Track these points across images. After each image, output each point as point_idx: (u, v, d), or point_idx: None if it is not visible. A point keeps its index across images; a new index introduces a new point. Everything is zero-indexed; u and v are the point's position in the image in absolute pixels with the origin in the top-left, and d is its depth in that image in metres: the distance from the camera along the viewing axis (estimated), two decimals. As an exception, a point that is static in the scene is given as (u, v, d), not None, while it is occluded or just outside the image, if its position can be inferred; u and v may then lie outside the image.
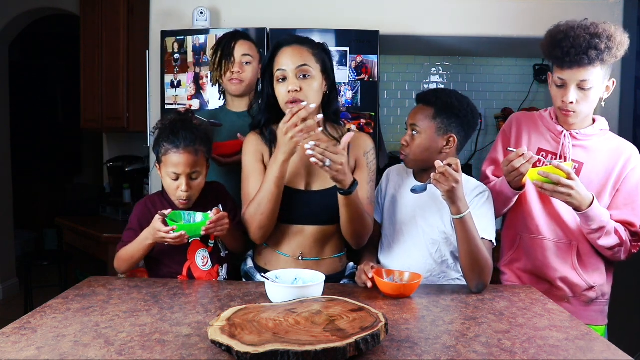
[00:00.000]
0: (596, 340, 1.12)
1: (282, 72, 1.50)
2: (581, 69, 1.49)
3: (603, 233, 1.53)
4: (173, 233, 1.41)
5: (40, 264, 3.40)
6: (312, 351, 0.90)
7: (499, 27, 2.71)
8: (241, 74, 1.87)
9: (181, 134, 1.50)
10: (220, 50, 1.89)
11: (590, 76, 1.49)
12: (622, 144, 1.62)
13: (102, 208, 3.49)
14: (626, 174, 1.58)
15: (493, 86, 3.40)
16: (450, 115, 1.55)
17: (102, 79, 3.40)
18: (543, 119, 1.69)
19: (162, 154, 1.52)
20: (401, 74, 3.39)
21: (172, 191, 1.54)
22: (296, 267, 1.51)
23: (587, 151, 1.60)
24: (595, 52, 1.47)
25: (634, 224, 1.57)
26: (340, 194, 1.43)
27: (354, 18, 2.62)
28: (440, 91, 1.61)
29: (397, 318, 1.23)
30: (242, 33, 1.97)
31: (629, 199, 1.58)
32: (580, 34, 1.49)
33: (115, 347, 1.04)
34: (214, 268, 1.59)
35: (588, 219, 1.51)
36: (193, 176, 1.53)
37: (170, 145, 1.50)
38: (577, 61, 1.48)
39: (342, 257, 1.64)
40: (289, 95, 1.48)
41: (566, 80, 1.52)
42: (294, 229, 1.55)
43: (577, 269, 1.61)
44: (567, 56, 1.49)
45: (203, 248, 1.58)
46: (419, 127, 1.56)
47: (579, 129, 1.61)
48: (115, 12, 3.28)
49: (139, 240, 1.49)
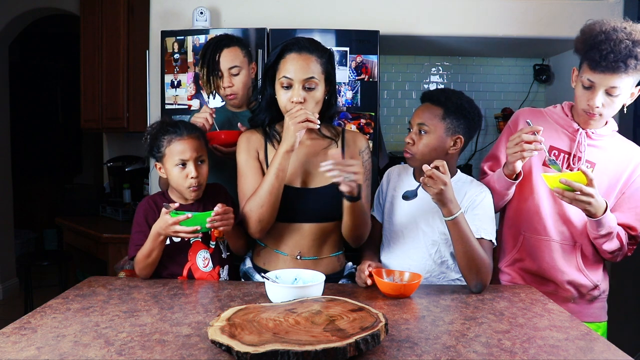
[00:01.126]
0: (596, 340, 1.12)
1: (288, 80, 1.48)
2: (614, 76, 1.43)
3: (609, 238, 1.52)
4: (188, 227, 1.41)
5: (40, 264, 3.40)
6: (312, 351, 0.90)
7: (499, 27, 2.71)
8: (232, 88, 1.83)
9: (179, 124, 1.56)
10: (206, 66, 1.84)
11: (620, 83, 1.44)
12: (632, 147, 1.61)
13: (102, 208, 3.49)
14: (634, 178, 1.57)
15: (493, 86, 3.40)
16: (459, 116, 1.54)
17: (102, 79, 3.40)
18: (554, 115, 1.65)
19: (165, 147, 1.54)
20: (401, 74, 3.39)
21: (181, 181, 1.54)
22: (294, 266, 1.51)
23: (600, 151, 1.58)
24: (635, 62, 1.41)
25: (635, 228, 1.57)
26: (348, 200, 1.43)
27: (354, 18, 2.62)
28: (449, 92, 1.59)
29: (397, 318, 1.23)
30: (223, 40, 1.87)
31: (634, 203, 1.57)
32: (622, 39, 1.41)
33: (115, 347, 1.04)
34: (214, 269, 1.59)
35: (599, 225, 1.49)
36: (201, 160, 1.55)
37: (172, 135, 1.53)
38: (613, 68, 1.41)
39: (340, 256, 1.64)
40: (292, 105, 1.47)
41: (596, 84, 1.46)
42: (292, 227, 1.55)
43: (582, 270, 1.61)
44: (604, 60, 1.41)
45: (204, 249, 1.58)
46: (428, 127, 1.54)
47: (594, 129, 1.59)
48: (115, 12, 3.27)
49: (150, 239, 1.48)
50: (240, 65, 1.84)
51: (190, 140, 1.53)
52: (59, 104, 5.74)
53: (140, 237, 1.52)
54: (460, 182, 1.60)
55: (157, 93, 2.59)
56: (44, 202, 5.52)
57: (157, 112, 2.60)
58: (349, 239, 1.56)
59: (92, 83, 3.49)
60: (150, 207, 1.57)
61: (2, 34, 4.14)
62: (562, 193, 1.42)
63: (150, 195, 1.66)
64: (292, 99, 1.47)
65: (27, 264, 3.43)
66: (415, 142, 1.56)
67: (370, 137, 2.39)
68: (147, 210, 1.56)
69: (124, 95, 3.23)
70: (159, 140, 1.55)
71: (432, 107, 1.56)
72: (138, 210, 1.58)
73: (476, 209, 1.55)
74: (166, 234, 1.46)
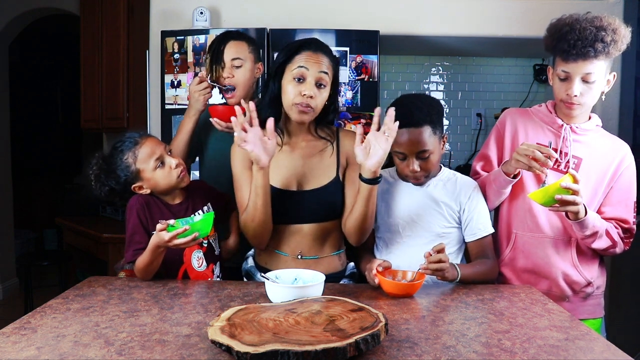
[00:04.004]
0: (596, 340, 1.12)
1: (303, 72, 1.46)
2: (586, 62, 1.49)
3: (596, 237, 1.54)
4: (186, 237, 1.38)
5: (40, 264, 3.40)
6: (312, 351, 0.90)
7: (499, 27, 2.71)
8: (232, 79, 1.82)
9: (124, 139, 1.55)
10: (210, 54, 1.85)
11: (594, 69, 1.50)
12: (617, 142, 1.64)
13: (102, 208, 3.49)
14: (621, 171, 1.60)
15: (493, 86, 3.40)
16: (440, 120, 1.57)
17: (102, 79, 3.40)
18: (539, 113, 1.68)
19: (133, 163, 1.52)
20: (401, 74, 3.39)
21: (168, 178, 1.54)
22: (295, 266, 1.51)
23: (585, 147, 1.61)
24: (602, 45, 1.48)
25: (627, 220, 1.60)
26: (368, 183, 1.43)
27: (354, 18, 2.63)
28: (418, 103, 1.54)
29: (397, 318, 1.23)
30: (232, 34, 1.89)
31: (623, 196, 1.60)
32: (586, 26, 1.49)
33: (115, 347, 1.04)
34: (208, 267, 1.59)
35: (583, 226, 1.51)
36: (168, 150, 1.58)
37: (130, 147, 1.53)
38: (583, 54, 1.48)
39: (341, 254, 1.64)
40: (302, 98, 1.46)
41: (570, 73, 1.52)
42: (292, 228, 1.55)
43: (577, 266, 1.61)
44: (574, 48, 1.49)
45: (198, 249, 1.58)
46: (430, 149, 1.53)
47: (578, 123, 1.62)
48: (115, 12, 3.28)
49: (150, 251, 1.43)
50: (244, 58, 1.84)
51: (148, 139, 1.55)
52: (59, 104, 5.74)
53: (138, 239, 1.49)
54: (450, 182, 1.63)
55: (157, 93, 2.59)
56: (44, 202, 5.52)
57: (157, 112, 2.60)
58: (355, 234, 1.53)
59: (92, 83, 3.49)
60: (141, 206, 1.53)
61: (2, 34, 4.14)
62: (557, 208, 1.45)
63: (136, 196, 1.58)
64: (304, 92, 1.46)
65: (27, 264, 3.44)
66: (422, 169, 1.56)
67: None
68: (139, 210, 1.53)
69: (124, 95, 3.23)
70: (122, 163, 1.52)
71: (421, 130, 1.51)
72: (130, 211, 1.54)
73: (476, 207, 1.58)
74: (166, 247, 1.43)
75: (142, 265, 1.46)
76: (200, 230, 1.41)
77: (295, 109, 1.47)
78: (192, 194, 1.63)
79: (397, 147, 1.53)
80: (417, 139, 1.51)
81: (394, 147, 1.50)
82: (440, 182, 1.63)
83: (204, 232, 1.43)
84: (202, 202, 1.63)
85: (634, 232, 1.61)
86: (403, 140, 1.51)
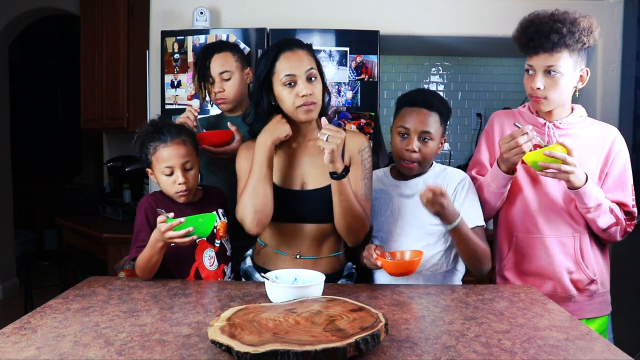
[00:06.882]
0: (596, 340, 1.12)
1: (291, 77, 1.47)
2: (547, 55, 1.52)
3: (601, 211, 1.54)
4: (180, 231, 1.38)
5: (40, 264, 3.40)
6: (312, 351, 0.90)
7: (499, 27, 2.70)
8: (223, 93, 1.82)
9: (165, 129, 1.54)
10: (197, 72, 1.84)
11: (556, 62, 1.52)
12: (605, 128, 1.65)
13: (102, 208, 3.48)
14: (613, 156, 1.60)
15: (493, 86, 3.40)
16: (447, 119, 1.60)
17: (102, 79, 3.39)
18: (523, 114, 1.69)
19: (151, 154, 1.54)
20: (401, 74, 3.39)
21: (169, 187, 1.55)
22: (294, 266, 1.51)
23: (573, 139, 1.59)
24: (557, 36, 1.50)
25: (627, 203, 1.60)
26: (332, 178, 1.44)
27: (354, 18, 2.63)
28: (435, 94, 1.63)
29: (397, 318, 1.23)
30: (214, 47, 1.87)
31: (619, 180, 1.61)
32: (545, 20, 1.54)
33: (115, 347, 1.04)
34: (220, 267, 1.59)
35: (585, 196, 1.51)
36: (187, 166, 1.54)
37: (157, 142, 1.53)
38: (540, 45, 1.52)
39: (340, 256, 1.64)
40: (302, 99, 1.46)
41: (533, 66, 1.56)
42: (292, 227, 1.55)
43: (580, 263, 1.60)
44: (532, 41, 1.53)
45: (210, 248, 1.58)
46: (432, 134, 1.56)
47: (560, 119, 1.62)
48: (115, 12, 3.27)
49: (150, 245, 1.45)
50: (231, 69, 1.83)
51: (175, 146, 1.52)
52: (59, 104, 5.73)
53: (142, 237, 1.50)
54: (440, 176, 1.64)
55: (157, 93, 2.59)
56: (44, 202, 5.51)
57: (157, 112, 2.59)
58: (341, 230, 1.52)
59: (92, 83, 3.49)
60: (150, 205, 1.56)
61: (2, 34, 4.14)
62: (547, 166, 1.45)
63: (151, 194, 1.65)
64: (301, 93, 1.46)
65: (27, 264, 3.43)
66: (420, 150, 1.56)
67: (370, 137, 2.39)
68: (147, 209, 1.55)
69: (124, 95, 3.23)
70: (145, 147, 1.55)
71: (430, 114, 1.56)
72: (139, 210, 1.57)
73: (464, 198, 1.58)
74: (164, 241, 1.43)
75: (141, 261, 1.47)
76: (197, 227, 1.41)
77: (301, 110, 1.48)
78: (206, 198, 1.63)
79: (403, 123, 1.57)
80: (425, 119, 1.56)
81: (400, 122, 1.58)
82: (430, 178, 1.63)
83: (202, 231, 1.43)
84: (214, 208, 1.61)
85: (635, 215, 1.61)
86: (412, 117, 1.57)
